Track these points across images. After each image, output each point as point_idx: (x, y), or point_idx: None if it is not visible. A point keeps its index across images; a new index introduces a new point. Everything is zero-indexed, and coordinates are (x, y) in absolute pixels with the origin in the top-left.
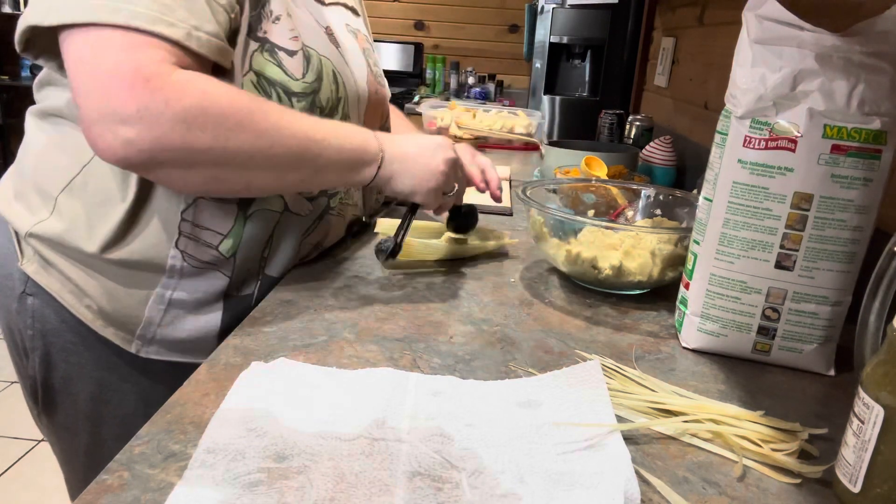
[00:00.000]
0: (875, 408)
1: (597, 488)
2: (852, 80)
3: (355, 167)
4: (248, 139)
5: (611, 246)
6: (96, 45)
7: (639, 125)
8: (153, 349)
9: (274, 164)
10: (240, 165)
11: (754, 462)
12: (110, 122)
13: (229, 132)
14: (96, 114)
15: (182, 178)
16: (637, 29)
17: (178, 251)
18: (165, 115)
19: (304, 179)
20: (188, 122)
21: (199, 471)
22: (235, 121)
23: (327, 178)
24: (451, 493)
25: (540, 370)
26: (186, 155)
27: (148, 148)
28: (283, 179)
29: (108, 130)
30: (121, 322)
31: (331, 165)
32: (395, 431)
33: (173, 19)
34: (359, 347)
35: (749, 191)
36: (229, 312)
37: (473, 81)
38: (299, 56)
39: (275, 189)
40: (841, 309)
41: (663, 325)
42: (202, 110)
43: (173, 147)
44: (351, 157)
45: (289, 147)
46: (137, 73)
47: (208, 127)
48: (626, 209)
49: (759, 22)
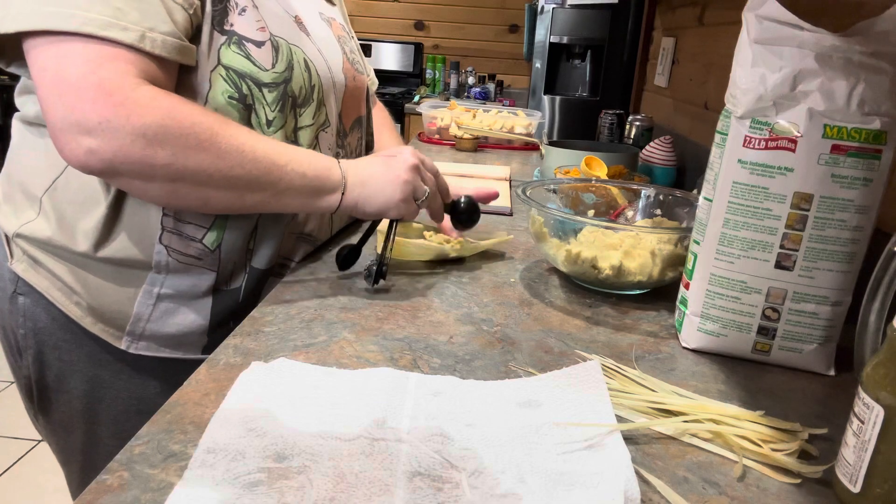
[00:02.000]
0: (875, 408)
1: (597, 488)
2: (852, 80)
3: (317, 193)
4: (207, 158)
5: (611, 246)
6: (58, 55)
7: (639, 125)
8: (143, 345)
9: (233, 184)
10: (198, 183)
11: (754, 462)
12: (74, 131)
13: (188, 150)
14: (61, 123)
15: (142, 188)
16: (637, 29)
17: (163, 246)
18: (125, 129)
19: (264, 202)
20: (148, 138)
21: (198, 471)
22: (196, 140)
23: (288, 203)
24: (451, 493)
25: (540, 370)
26: (145, 168)
27: (108, 158)
28: (242, 200)
29: (72, 139)
30: (110, 318)
31: (291, 190)
32: (395, 431)
33: (126, 23)
34: (359, 347)
35: (749, 191)
36: (218, 306)
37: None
38: (267, 46)
39: (233, 208)
40: (841, 309)
41: (663, 325)
42: (163, 127)
43: (132, 160)
44: (313, 184)
45: (249, 170)
46: (100, 87)
47: (168, 144)
48: (626, 209)
49: (759, 22)
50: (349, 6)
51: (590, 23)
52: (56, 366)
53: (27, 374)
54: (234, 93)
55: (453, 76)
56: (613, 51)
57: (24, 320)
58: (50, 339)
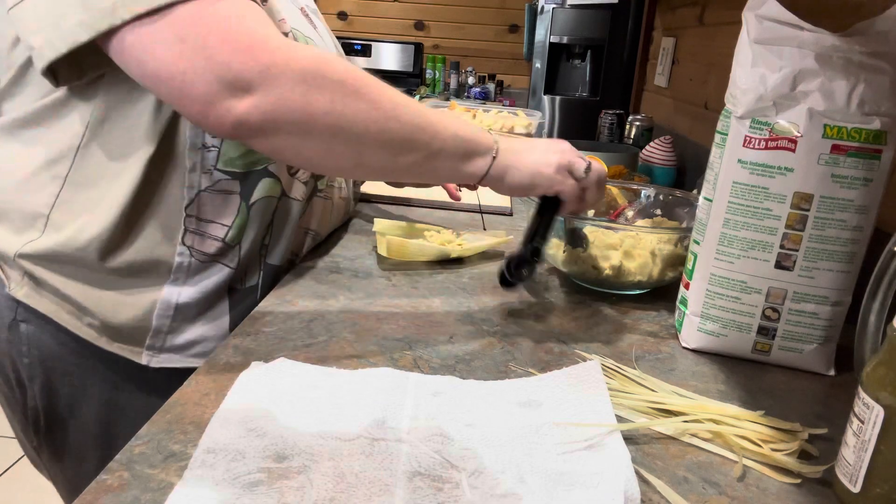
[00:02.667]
0: (875, 408)
1: (597, 488)
2: (852, 80)
3: (469, 156)
4: (364, 108)
5: (611, 246)
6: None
7: (639, 125)
8: (164, 357)
9: (388, 140)
10: (355, 137)
11: (754, 462)
12: (230, 91)
13: (346, 98)
14: (216, 87)
15: (298, 146)
16: (637, 29)
17: (186, 247)
18: (287, 75)
19: (417, 163)
20: (308, 83)
21: (198, 471)
22: (353, 87)
23: (439, 166)
24: (451, 493)
25: (540, 370)
26: (305, 118)
27: (270, 110)
28: (396, 160)
29: (227, 100)
30: (128, 335)
31: (445, 151)
32: (395, 431)
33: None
34: (359, 347)
35: (749, 191)
36: (236, 309)
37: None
38: (290, 39)
39: (385, 170)
40: (841, 309)
41: (663, 325)
42: (320, 72)
43: (294, 108)
44: (466, 145)
45: (404, 123)
46: (254, 35)
47: (326, 89)
48: (626, 209)
49: (759, 22)
50: (349, 6)
51: (590, 23)
52: (67, 393)
53: (33, 406)
54: None
55: (453, 76)
56: (613, 51)
57: (28, 349)
58: (59, 366)
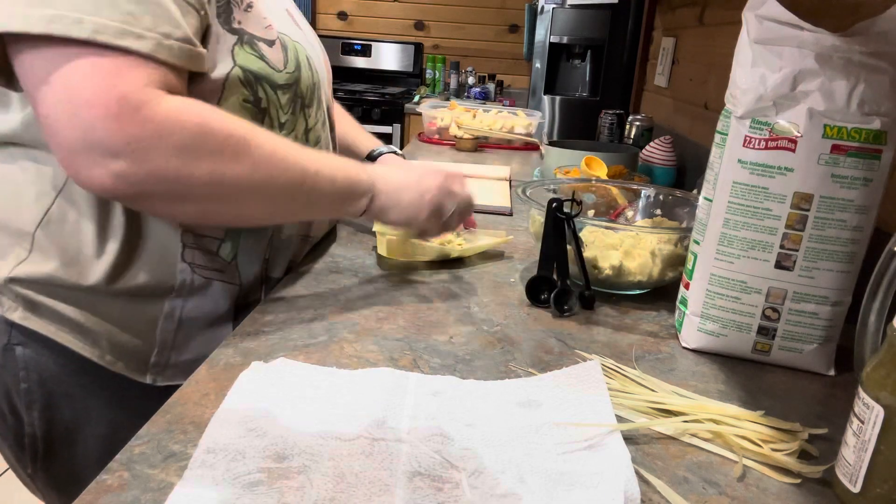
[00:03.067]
0: (875, 408)
1: (597, 488)
2: (852, 80)
3: (347, 199)
4: (244, 171)
5: (611, 246)
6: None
7: (639, 125)
8: (169, 374)
9: (268, 196)
10: (234, 198)
11: (754, 462)
12: (96, 154)
13: (226, 164)
14: (77, 144)
15: (172, 210)
16: (637, 29)
17: (187, 264)
18: (159, 148)
19: (296, 211)
20: (184, 155)
21: (198, 471)
22: (233, 152)
23: (319, 210)
24: (451, 493)
25: (540, 370)
26: (181, 188)
27: (140, 181)
28: (276, 211)
29: (94, 162)
30: (131, 354)
31: (324, 198)
32: (395, 431)
33: (140, 29)
34: (359, 347)
35: (749, 191)
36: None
37: (473, 81)
38: (277, 45)
39: (265, 220)
40: (841, 309)
41: (663, 325)
42: (198, 143)
43: (168, 180)
44: (343, 189)
45: (285, 179)
46: (124, 102)
47: (205, 159)
48: (626, 209)
49: (759, 22)
50: (349, 6)
51: (590, 23)
52: (69, 415)
53: (31, 433)
54: (250, 96)
55: (453, 76)
56: (613, 51)
57: (26, 373)
58: (59, 388)
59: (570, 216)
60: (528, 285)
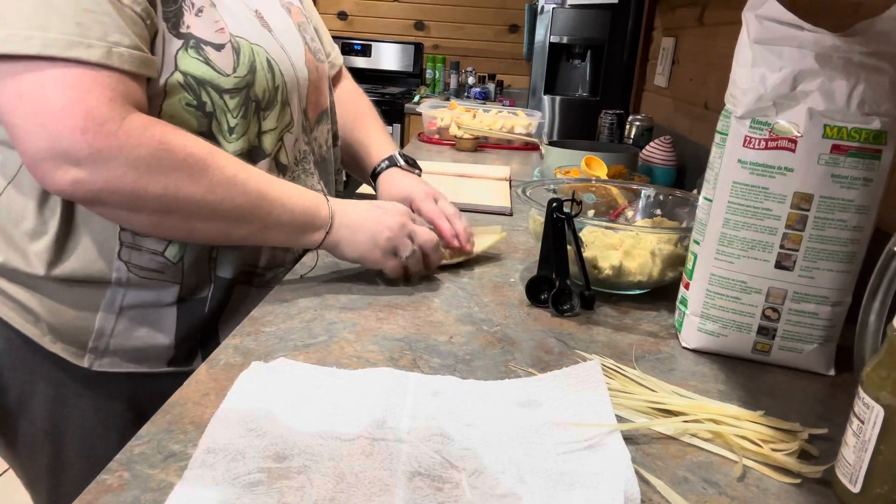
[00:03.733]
0: (875, 408)
1: (597, 488)
2: (852, 80)
3: (303, 230)
4: (198, 191)
5: (611, 246)
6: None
7: (639, 125)
8: (106, 361)
9: (221, 217)
10: (187, 215)
11: (754, 462)
12: (59, 161)
13: (180, 182)
14: (43, 153)
15: (126, 218)
16: (637, 29)
17: (122, 262)
18: (118, 161)
19: (249, 236)
20: (140, 170)
21: (198, 471)
22: (189, 172)
23: (273, 237)
24: (451, 493)
25: (540, 370)
26: (134, 200)
27: (97, 189)
28: (228, 233)
29: (55, 168)
30: (71, 336)
31: (279, 226)
32: (395, 431)
33: (90, 40)
34: (359, 347)
35: (749, 191)
36: (184, 318)
37: (473, 81)
38: (227, 49)
39: (218, 240)
40: (841, 309)
41: (663, 325)
42: (156, 159)
43: (123, 192)
44: (300, 220)
45: (239, 203)
46: (89, 117)
47: (160, 175)
48: (626, 209)
49: (759, 22)
50: (349, 6)
51: (590, 23)
52: (16, 388)
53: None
54: (193, 100)
55: (453, 76)
56: (613, 51)
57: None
58: (7, 361)
59: (570, 216)
60: (528, 285)
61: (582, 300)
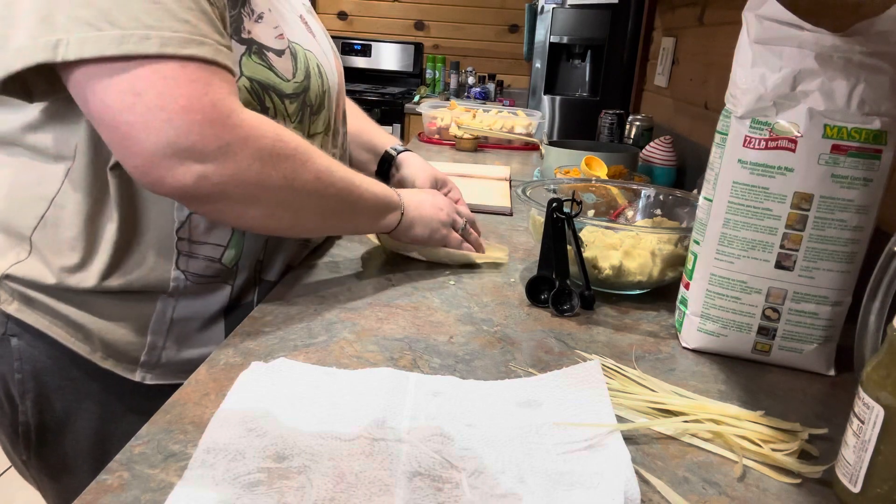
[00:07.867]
0: (875, 408)
1: (597, 488)
2: (852, 80)
3: (384, 213)
4: (310, 179)
5: (611, 246)
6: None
7: (639, 125)
8: (158, 373)
9: (323, 206)
10: (298, 205)
11: (754, 462)
12: (183, 157)
13: (296, 170)
14: (168, 149)
15: (240, 213)
16: (637, 29)
17: (180, 271)
18: (245, 153)
19: (342, 223)
20: (264, 160)
21: (198, 471)
22: (301, 161)
23: (359, 223)
24: (451, 493)
25: (540, 370)
26: (258, 191)
27: (224, 182)
28: (325, 221)
29: (178, 165)
30: (122, 351)
31: (366, 210)
32: (395, 431)
33: (200, 36)
34: (359, 347)
35: (749, 191)
36: (232, 324)
37: (473, 81)
38: (287, 54)
39: (314, 231)
40: (841, 309)
41: (663, 325)
42: (277, 149)
43: (248, 183)
44: (382, 204)
45: (338, 190)
46: (216, 109)
47: (279, 166)
48: (626, 209)
49: (759, 22)
50: (349, 6)
51: (590, 23)
52: (60, 407)
53: (25, 421)
54: (257, 105)
55: (453, 76)
56: (613, 51)
57: (20, 364)
58: (52, 380)
59: (570, 216)
60: (528, 285)
61: (582, 300)
